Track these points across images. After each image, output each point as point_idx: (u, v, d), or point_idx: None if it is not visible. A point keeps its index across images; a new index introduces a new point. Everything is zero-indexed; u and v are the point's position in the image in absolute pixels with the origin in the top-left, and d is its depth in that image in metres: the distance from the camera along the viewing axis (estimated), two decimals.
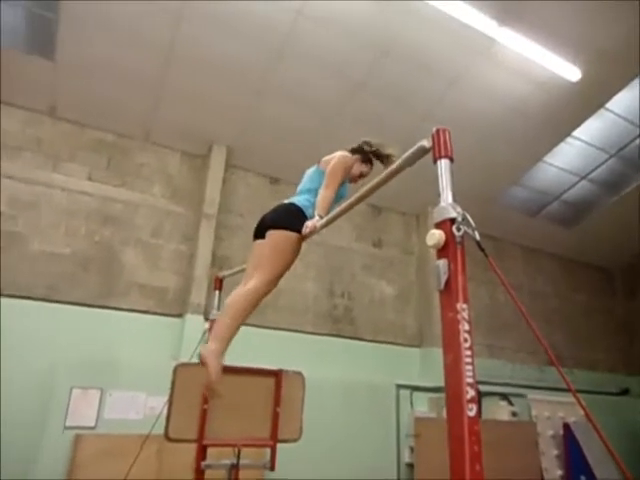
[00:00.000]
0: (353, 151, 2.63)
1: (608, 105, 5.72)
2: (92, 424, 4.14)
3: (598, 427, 1.13)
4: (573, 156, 6.55)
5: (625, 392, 8.12)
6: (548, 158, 6.48)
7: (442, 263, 1.24)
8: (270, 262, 2.21)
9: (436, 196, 1.37)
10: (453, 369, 1.14)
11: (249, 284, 2.17)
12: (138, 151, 5.42)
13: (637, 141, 6.33)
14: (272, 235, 2.27)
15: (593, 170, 6.80)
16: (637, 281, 8.83)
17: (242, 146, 5.66)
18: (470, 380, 1.11)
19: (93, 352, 4.41)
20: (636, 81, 5.40)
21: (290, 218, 2.28)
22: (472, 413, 1.07)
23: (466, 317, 1.17)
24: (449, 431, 1.09)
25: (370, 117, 5.22)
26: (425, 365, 6.27)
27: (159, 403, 3.50)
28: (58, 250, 4.71)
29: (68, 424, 4.05)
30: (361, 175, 2.66)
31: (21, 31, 4.42)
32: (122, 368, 4.43)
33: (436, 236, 1.25)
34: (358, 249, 6.50)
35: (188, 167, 5.68)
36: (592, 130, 6.13)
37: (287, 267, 2.26)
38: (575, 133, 6.10)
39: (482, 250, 1.28)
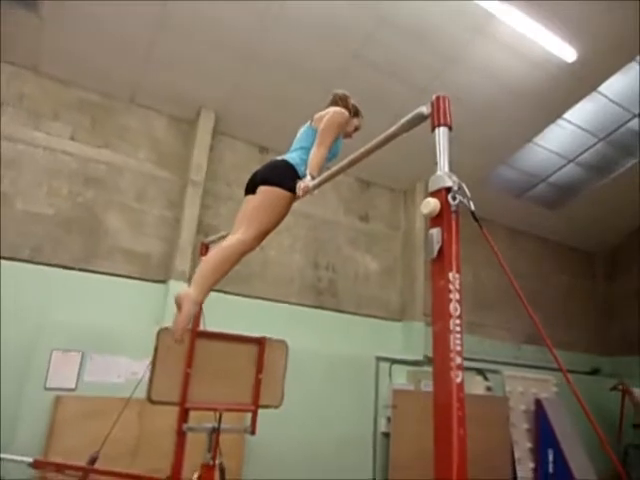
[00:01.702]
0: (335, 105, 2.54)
1: (601, 88, 5.72)
2: (72, 386, 4.15)
3: (584, 403, 1.18)
4: (562, 138, 6.57)
5: (596, 372, 8.41)
6: (537, 139, 6.49)
7: (436, 232, 1.22)
8: (258, 217, 2.18)
9: (429, 167, 1.35)
10: (441, 337, 1.15)
11: (235, 236, 2.15)
12: (123, 113, 5.27)
13: (628, 125, 6.36)
14: (263, 191, 2.23)
15: (581, 153, 6.84)
16: (617, 265, 9.04)
17: (231, 112, 5.54)
18: (458, 348, 1.12)
19: (75, 315, 4.37)
20: (630, 65, 5.40)
21: (282, 175, 2.24)
22: (459, 380, 1.08)
23: (457, 286, 1.17)
24: (435, 396, 1.11)
25: (365, 88, 5.09)
26: (406, 339, 6.38)
27: (141, 368, 3.50)
28: (41, 210, 4.60)
29: (48, 385, 4.05)
30: (356, 129, 2.60)
31: None
32: (104, 332, 4.41)
33: (431, 204, 1.23)
34: (345, 222, 6.49)
35: (175, 131, 5.54)
36: (583, 113, 6.14)
37: (275, 224, 2.23)
38: (566, 116, 6.11)
39: (476, 221, 1.28)
